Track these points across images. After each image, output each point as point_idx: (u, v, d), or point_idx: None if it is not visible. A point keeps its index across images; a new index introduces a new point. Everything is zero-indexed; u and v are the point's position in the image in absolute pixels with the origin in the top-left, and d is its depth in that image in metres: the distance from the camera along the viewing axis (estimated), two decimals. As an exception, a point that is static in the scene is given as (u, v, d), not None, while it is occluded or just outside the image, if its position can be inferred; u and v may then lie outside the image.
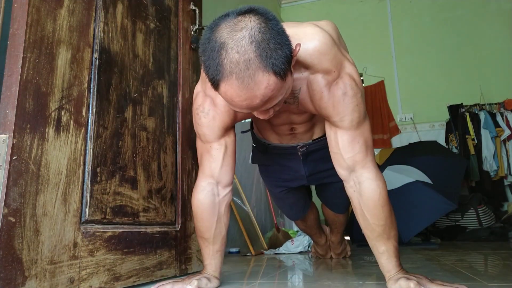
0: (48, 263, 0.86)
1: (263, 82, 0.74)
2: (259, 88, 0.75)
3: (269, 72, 0.74)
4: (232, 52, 0.73)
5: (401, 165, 2.75)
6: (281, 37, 0.76)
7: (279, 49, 0.75)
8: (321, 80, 0.94)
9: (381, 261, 1.00)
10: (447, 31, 4.29)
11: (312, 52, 0.92)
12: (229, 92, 0.76)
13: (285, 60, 0.76)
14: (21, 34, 0.85)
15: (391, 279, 0.96)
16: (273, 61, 0.74)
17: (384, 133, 4.24)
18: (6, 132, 0.81)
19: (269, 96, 0.76)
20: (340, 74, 0.94)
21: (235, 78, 0.74)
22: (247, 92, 0.75)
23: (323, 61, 0.92)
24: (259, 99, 0.76)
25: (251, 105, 0.77)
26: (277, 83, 0.76)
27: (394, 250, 0.98)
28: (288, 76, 0.79)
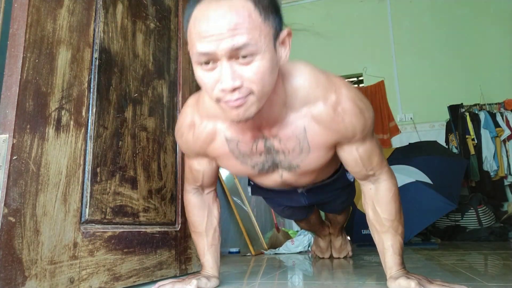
0: (48, 263, 0.86)
1: (238, 3, 0.70)
2: (230, 7, 0.69)
3: (248, 1, 0.71)
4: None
5: (401, 165, 2.75)
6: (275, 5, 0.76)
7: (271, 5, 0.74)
8: (325, 107, 0.90)
9: (385, 256, 1.00)
10: (447, 31, 4.29)
11: (303, 85, 0.89)
12: (198, 13, 0.71)
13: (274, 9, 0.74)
14: (21, 34, 0.85)
15: (392, 277, 0.96)
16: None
17: (384, 133, 4.24)
18: (6, 132, 0.81)
19: (239, 20, 0.69)
20: (339, 93, 0.90)
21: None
22: (217, 8, 0.69)
23: (318, 90, 0.89)
24: (227, 18, 0.69)
25: (217, 26, 0.69)
26: (254, 14, 0.71)
27: (399, 246, 0.99)
28: (270, 26, 0.74)
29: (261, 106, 0.78)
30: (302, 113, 0.90)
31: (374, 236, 1.04)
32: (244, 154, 0.98)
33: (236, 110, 0.75)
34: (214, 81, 0.74)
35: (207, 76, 0.75)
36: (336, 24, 4.70)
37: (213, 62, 0.73)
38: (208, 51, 0.71)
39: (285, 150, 0.96)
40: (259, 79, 0.74)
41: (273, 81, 0.78)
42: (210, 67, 0.73)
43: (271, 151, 0.98)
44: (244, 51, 0.70)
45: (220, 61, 0.72)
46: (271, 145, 0.96)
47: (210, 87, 0.75)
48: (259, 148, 0.97)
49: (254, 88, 0.74)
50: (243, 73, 0.72)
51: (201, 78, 0.76)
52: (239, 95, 0.73)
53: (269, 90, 0.78)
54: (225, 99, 0.74)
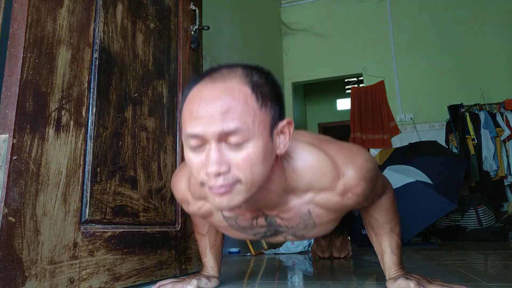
0: (48, 263, 0.86)
1: (234, 86, 0.67)
2: (225, 90, 0.66)
3: (246, 84, 0.68)
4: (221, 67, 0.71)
5: (401, 165, 2.75)
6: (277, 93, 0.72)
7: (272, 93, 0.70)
8: (332, 197, 0.83)
9: (383, 258, 1.00)
10: (447, 31, 4.29)
11: (308, 172, 0.81)
12: (193, 94, 0.68)
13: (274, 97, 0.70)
14: (21, 34, 0.85)
15: (391, 278, 0.96)
16: (259, 83, 0.69)
17: (384, 133, 4.24)
18: (6, 132, 0.81)
19: (233, 105, 0.65)
20: (348, 180, 0.81)
21: (208, 77, 0.69)
22: (212, 90, 0.66)
23: (324, 180, 0.81)
24: (220, 102, 0.65)
25: (209, 109, 0.65)
26: (249, 99, 0.66)
27: (397, 247, 1.00)
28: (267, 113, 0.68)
29: (250, 195, 0.70)
30: (305, 199, 0.84)
31: (371, 237, 1.04)
32: (244, 227, 0.93)
33: (220, 198, 0.68)
34: (201, 164, 0.68)
35: (194, 158, 0.69)
36: (336, 24, 4.70)
37: (202, 144, 0.68)
38: (197, 133, 0.66)
39: (288, 225, 0.90)
40: (248, 167, 0.67)
41: (265, 170, 0.70)
42: (199, 149, 0.68)
43: (272, 224, 0.91)
44: (234, 136, 0.65)
45: (209, 144, 0.66)
46: (273, 221, 0.90)
47: (196, 170, 0.69)
48: (260, 222, 0.91)
49: (242, 176, 0.67)
50: (231, 158, 0.66)
51: (189, 159, 0.71)
52: (223, 182, 0.66)
53: (260, 180, 0.70)
54: (209, 184, 0.67)
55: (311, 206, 0.85)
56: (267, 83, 0.71)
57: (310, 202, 0.84)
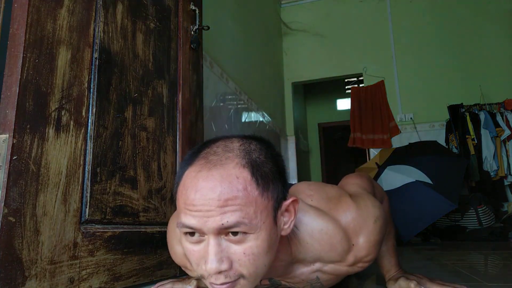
0: (48, 263, 0.86)
1: (231, 172, 0.60)
2: (222, 178, 0.59)
3: (244, 167, 0.61)
4: (216, 143, 0.65)
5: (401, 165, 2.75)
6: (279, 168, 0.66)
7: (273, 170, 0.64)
8: (342, 268, 0.81)
9: (381, 262, 1.00)
10: (447, 31, 4.29)
11: (316, 245, 0.76)
12: (187, 180, 0.61)
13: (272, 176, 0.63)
14: (21, 34, 0.85)
15: (391, 279, 0.96)
16: (259, 162, 0.62)
17: (384, 133, 4.24)
18: (6, 132, 0.81)
19: (231, 195, 0.58)
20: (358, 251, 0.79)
21: (203, 160, 0.62)
22: (208, 177, 0.59)
23: (334, 254, 0.77)
24: (217, 191, 0.58)
25: (204, 199, 0.59)
26: (249, 186, 0.60)
27: (393, 249, 1.00)
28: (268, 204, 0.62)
29: (254, 286, 0.66)
30: (313, 267, 0.81)
31: None
32: None
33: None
34: (199, 257, 0.62)
35: (192, 249, 0.63)
36: (336, 24, 4.70)
37: (199, 235, 0.62)
38: (194, 226, 0.60)
39: (294, 286, 0.87)
40: (252, 262, 0.61)
41: (270, 259, 0.65)
42: (196, 239, 0.62)
43: (277, 284, 0.88)
44: (235, 230, 0.59)
45: (208, 236, 0.61)
46: (278, 282, 0.87)
47: (195, 263, 0.64)
48: (263, 283, 0.87)
49: (245, 272, 0.62)
50: (232, 252, 0.61)
51: (186, 249, 0.65)
52: (225, 280, 0.61)
53: (264, 271, 0.65)
54: (209, 281, 0.62)
55: (319, 274, 0.81)
56: (267, 159, 0.65)
57: (318, 270, 0.81)
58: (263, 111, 3.63)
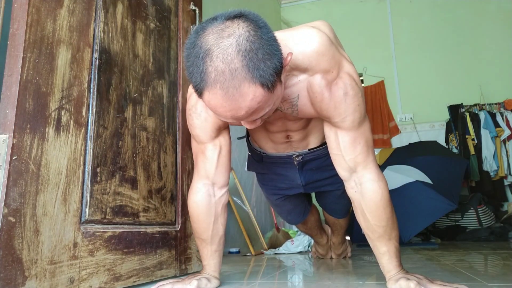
0: (48, 263, 0.86)
1: (249, 93, 0.71)
2: (244, 99, 0.72)
3: (255, 83, 0.71)
4: (218, 60, 0.70)
5: (401, 165, 2.75)
6: (271, 47, 0.73)
7: (268, 59, 0.71)
8: (320, 81, 0.91)
9: (382, 261, 1.00)
10: (447, 31, 4.28)
11: (310, 54, 0.89)
12: (213, 102, 0.74)
13: (274, 71, 0.72)
14: (21, 34, 0.85)
15: (391, 279, 0.96)
16: (261, 72, 0.71)
17: (384, 133, 4.24)
18: (6, 132, 0.81)
19: (255, 108, 0.73)
20: (340, 73, 0.92)
21: (220, 87, 0.71)
22: (232, 103, 0.72)
23: (322, 62, 0.90)
24: (244, 110, 0.73)
25: (236, 116, 0.75)
26: (264, 95, 0.73)
27: (395, 250, 0.99)
28: (277, 87, 0.76)
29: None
30: (300, 78, 0.93)
31: (369, 241, 1.02)
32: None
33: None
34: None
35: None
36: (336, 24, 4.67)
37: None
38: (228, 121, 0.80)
39: (281, 107, 1.00)
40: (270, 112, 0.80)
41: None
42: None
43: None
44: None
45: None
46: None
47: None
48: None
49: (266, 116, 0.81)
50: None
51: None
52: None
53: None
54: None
55: (302, 88, 0.94)
56: (264, 50, 0.71)
57: (302, 82, 0.93)
58: (263, 111, 3.62)
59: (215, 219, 1.09)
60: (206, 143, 1.06)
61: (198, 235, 1.11)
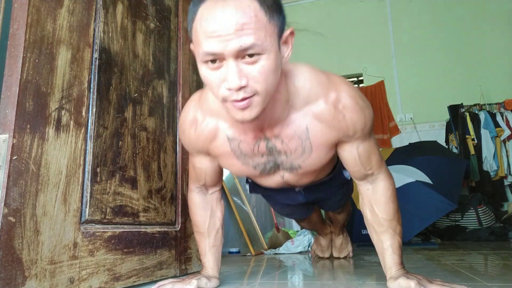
0: (48, 263, 0.86)
1: (244, 2, 0.71)
2: (236, 7, 0.70)
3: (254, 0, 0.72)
4: None
5: (401, 165, 2.75)
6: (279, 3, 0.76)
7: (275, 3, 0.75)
8: (325, 105, 0.91)
9: (384, 257, 1.00)
10: (447, 31, 4.28)
11: (305, 85, 0.90)
12: (205, 12, 0.72)
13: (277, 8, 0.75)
14: (21, 34, 0.85)
15: (392, 277, 0.96)
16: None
17: (384, 133, 4.24)
18: (6, 132, 0.81)
19: (246, 20, 0.70)
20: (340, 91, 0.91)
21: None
22: (224, 8, 0.70)
23: (319, 89, 0.91)
24: (234, 18, 0.69)
25: (224, 26, 0.70)
26: (259, 13, 0.71)
27: (398, 246, 1.00)
28: (275, 25, 0.75)
29: (265, 106, 0.79)
30: (304, 112, 0.91)
31: (373, 236, 1.04)
32: (246, 155, 0.99)
33: (242, 112, 0.77)
34: (219, 80, 0.75)
35: (212, 75, 0.76)
36: (336, 24, 4.70)
37: (219, 61, 0.73)
38: (215, 51, 0.71)
39: (287, 150, 0.96)
40: (264, 78, 0.75)
41: (276, 80, 0.79)
42: (216, 66, 0.74)
43: (273, 152, 0.98)
44: (250, 51, 0.71)
45: (226, 61, 0.73)
46: (273, 146, 0.97)
47: (216, 86, 0.76)
48: (261, 149, 0.97)
49: (259, 88, 0.75)
50: (248, 72, 0.74)
51: (207, 76, 0.77)
52: (244, 95, 0.74)
53: (272, 90, 0.79)
54: (231, 98, 0.75)
55: (309, 120, 0.92)
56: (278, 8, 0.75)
57: (307, 114, 0.91)
58: (263, 111, 3.62)
59: (211, 212, 1.15)
60: (194, 157, 1.11)
61: (197, 228, 1.16)
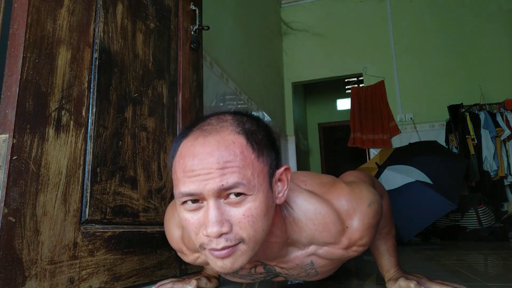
0: (48, 263, 0.86)
1: (228, 138, 0.62)
2: (219, 143, 0.61)
3: (240, 133, 0.64)
4: (210, 117, 0.67)
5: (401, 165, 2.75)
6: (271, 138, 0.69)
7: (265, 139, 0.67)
8: (336, 251, 0.81)
9: (381, 260, 1.00)
10: (447, 31, 4.29)
11: (308, 227, 0.77)
12: (184, 150, 0.63)
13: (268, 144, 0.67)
14: (21, 34, 0.85)
15: (391, 279, 0.96)
16: (252, 130, 0.65)
17: (384, 133, 4.24)
18: (6, 132, 0.81)
19: (229, 158, 0.60)
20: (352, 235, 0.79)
21: (199, 130, 0.64)
22: (204, 143, 0.61)
23: (327, 235, 0.78)
24: (216, 155, 0.60)
25: (203, 164, 0.60)
26: (246, 150, 0.62)
27: (393, 248, 1.00)
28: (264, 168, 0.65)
29: (253, 253, 0.66)
30: (307, 251, 0.81)
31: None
32: (242, 275, 0.90)
33: (222, 261, 0.63)
34: (198, 225, 0.63)
35: (191, 218, 0.64)
36: (336, 24, 4.70)
37: (200, 201, 0.63)
38: (193, 191, 0.61)
39: (288, 274, 0.88)
40: (251, 224, 0.63)
41: (267, 225, 0.66)
42: (195, 206, 0.63)
43: (272, 271, 0.88)
44: (234, 190, 0.61)
45: (207, 201, 0.62)
46: (272, 269, 0.87)
47: (194, 232, 0.64)
48: (258, 271, 0.88)
49: (245, 235, 0.63)
50: (232, 215, 0.62)
51: (185, 220, 0.65)
52: (226, 243, 0.61)
53: (263, 236, 0.66)
54: (209, 247, 0.62)
55: (314, 258, 0.81)
56: (259, 130, 0.67)
57: (312, 254, 0.81)
58: (263, 111, 3.63)
59: None
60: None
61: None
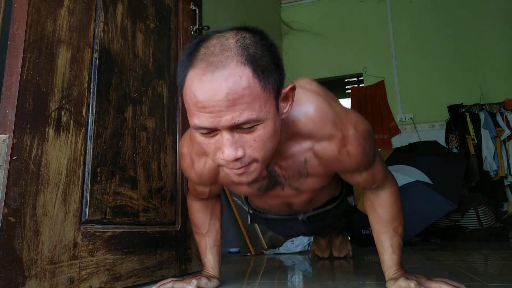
0: (48, 263, 0.86)
1: (234, 72, 0.63)
2: (226, 78, 0.63)
3: (246, 65, 0.64)
4: (211, 42, 0.66)
5: (401, 165, 2.75)
6: (276, 59, 0.69)
7: (270, 63, 0.67)
8: (330, 147, 0.85)
9: (383, 256, 1.00)
10: (447, 31, 4.28)
11: (310, 121, 0.83)
12: (193, 82, 0.65)
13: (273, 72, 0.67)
14: (21, 34, 0.85)
15: (391, 278, 0.96)
16: (257, 57, 0.65)
17: (384, 133, 4.24)
18: (6, 132, 0.81)
19: (238, 94, 0.63)
20: (346, 134, 0.85)
21: (204, 62, 0.64)
22: (213, 81, 0.63)
23: (325, 129, 0.84)
24: (224, 92, 0.62)
25: (214, 100, 0.63)
26: (253, 82, 0.64)
27: (398, 246, 1.00)
28: (271, 94, 0.67)
29: (264, 167, 0.76)
30: (304, 146, 0.87)
31: (374, 236, 1.04)
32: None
33: (239, 177, 0.73)
34: (215, 148, 0.70)
35: (207, 141, 0.70)
36: (336, 24, 4.70)
37: (213, 131, 0.68)
38: (207, 126, 0.66)
39: (285, 175, 0.94)
40: (262, 146, 0.70)
41: (276, 142, 0.74)
42: (210, 134, 0.69)
43: (272, 174, 0.95)
44: (245, 125, 0.66)
45: (221, 131, 0.67)
46: (272, 170, 0.93)
47: (212, 153, 0.71)
48: (262, 174, 0.93)
49: (257, 155, 0.70)
50: (245, 141, 0.68)
51: (201, 143, 0.72)
52: (241, 165, 0.70)
53: (272, 152, 0.74)
54: (228, 167, 0.72)
55: (308, 155, 0.88)
56: (263, 52, 0.67)
57: (308, 150, 0.87)
58: (263, 111, 3.62)
59: (211, 212, 1.17)
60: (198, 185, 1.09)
61: (196, 229, 1.17)
